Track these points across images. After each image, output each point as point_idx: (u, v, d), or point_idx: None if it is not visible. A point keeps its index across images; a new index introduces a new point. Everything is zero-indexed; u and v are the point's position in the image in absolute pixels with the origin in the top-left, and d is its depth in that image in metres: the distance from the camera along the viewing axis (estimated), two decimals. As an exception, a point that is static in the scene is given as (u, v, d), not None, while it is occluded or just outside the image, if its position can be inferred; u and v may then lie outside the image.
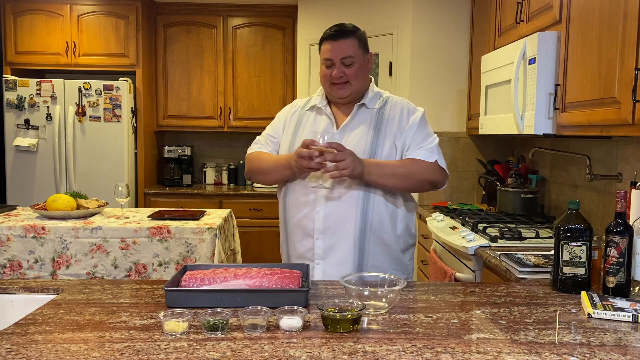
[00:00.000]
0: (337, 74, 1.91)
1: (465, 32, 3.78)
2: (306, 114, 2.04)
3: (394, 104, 2.00)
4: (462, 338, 1.26)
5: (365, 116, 1.98)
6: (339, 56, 1.91)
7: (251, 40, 5.00)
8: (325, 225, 1.89)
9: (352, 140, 1.93)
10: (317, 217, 1.90)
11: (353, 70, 1.92)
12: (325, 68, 1.95)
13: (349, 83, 1.93)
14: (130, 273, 2.90)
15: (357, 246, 1.90)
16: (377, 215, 1.90)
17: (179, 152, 5.07)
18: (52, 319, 1.36)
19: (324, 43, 1.95)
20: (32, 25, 4.63)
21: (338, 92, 1.95)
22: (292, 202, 1.96)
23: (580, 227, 1.61)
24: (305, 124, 2.02)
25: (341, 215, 1.89)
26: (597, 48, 1.93)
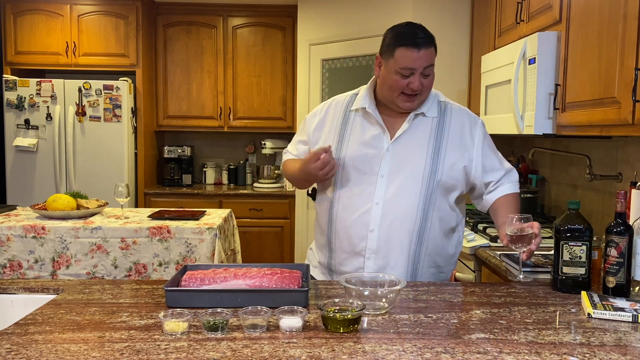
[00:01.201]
0: (417, 85, 1.70)
1: (465, 32, 3.78)
2: (352, 115, 1.85)
3: (454, 112, 1.83)
4: (462, 338, 1.26)
5: (423, 126, 1.79)
6: (422, 66, 1.70)
7: (251, 40, 5.00)
8: (379, 245, 1.76)
9: (408, 154, 1.76)
10: (370, 236, 1.76)
11: (429, 80, 1.74)
12: (400, 77, 1.70)
13: (421, 94, 1.74)
14: (130, 273, 2.90)
15: (409, 269, 1.78)
16: (432, 238, 1.78)
17: (179, 152, 5.07)
18: (52, 319, 1.36)
19: (403, 48, 1.69)
20: (32, 25, 4.63)
21: (406, 105, 1.74)
22: (342, 217, 1.80)
23: (580, 227, 1.61)
24: (352, 129, 1.83)
25: (396, 235, 1.75)
26: (597, 48, 1.93)
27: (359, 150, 1.80)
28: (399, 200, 1.75)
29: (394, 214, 1.75)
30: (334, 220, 1.82)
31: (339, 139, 1.83)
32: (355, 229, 1.77)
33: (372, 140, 1.80)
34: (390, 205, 1.75)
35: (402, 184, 1.75)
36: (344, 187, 1.80)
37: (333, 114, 1.89)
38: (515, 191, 1.86)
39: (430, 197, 1.76)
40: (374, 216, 1.75)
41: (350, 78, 4.21)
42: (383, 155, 1.77)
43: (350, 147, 1.81)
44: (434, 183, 1.75)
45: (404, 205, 1.75)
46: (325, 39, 4.38)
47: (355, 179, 1.79)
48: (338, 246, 1.83)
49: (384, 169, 1.76)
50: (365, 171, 1.78)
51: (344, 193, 1.80)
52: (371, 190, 1.76)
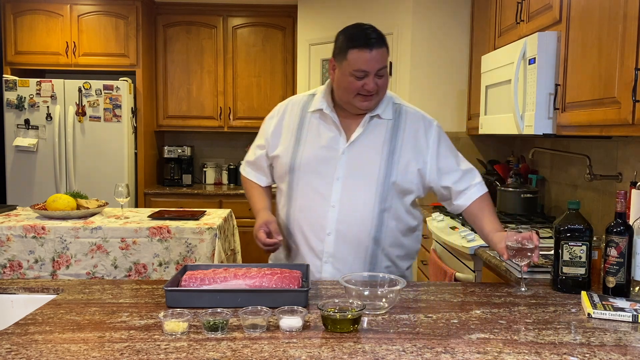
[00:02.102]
0: (372, 86, 1.70)
1: (465, 32, 3.78)
2: (308, 117, 1.84)
3: (409, 115, 1.83)
4: (462, 338, 1.26)
5: (378, 129, 1.79)
6: (375, 67, 1.69)
7: (251, 40, 5.00)
8: (336, 249, 1.76)
9: (364, 157, 1.77)
10: (327, 239, 1.76)
11: (383, 81, 1.73)
12: (354, 79, 1.70)
13: (377, 95, 1.74)
14: (130, 273, 2.90)
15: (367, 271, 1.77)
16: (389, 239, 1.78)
17: (179, 152, 5.07)
18: (52, 319, 1.36)
19: (355, 50, 1.68)
20: (32, 25, 4.63)
21: (364, 105, 1.74)
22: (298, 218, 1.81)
23: (580, 227, 1.61)
24: (308, 131, 1.83)
25: (353, 238, 1.75)
26: (597, 48, 1.93)
27: (316, 152, 1.79)
28: (354, 203, 1.75)
29: (350, 218, 1.75)
30: (290, 221, 1.83)
31: (295, 141, 1.83)
32: (313, 232, 1.78)
33: (329, 142, 1.79)
34: (346, 208, 1.75)
35: (358, 187, 1.76)
36: (300, 189, 1.80)
37: (290, 116, 1.88)
38: (483, 192, 1.84)
39: (386, 199, 1.76)
40: (330, 219, 1.75)
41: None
42: (339, 158, 1.77)
43: (306, 149, 1.80)
44: (388, 186, 1.76)
45: (360, 208, 1.75)
46: (325, 39, 4.37)
47: (312, 182, 1.78)
48: (295, 247, 1.83)
49: (340, 172, 1.76)
50: (322, 174, 1.77)
51: (300, 195, 1.80)
52: (327, 193, 1.76)
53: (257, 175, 1.99)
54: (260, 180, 1.99)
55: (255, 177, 1.99)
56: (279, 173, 1.87)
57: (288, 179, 1.82)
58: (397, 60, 3.88)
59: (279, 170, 1.87)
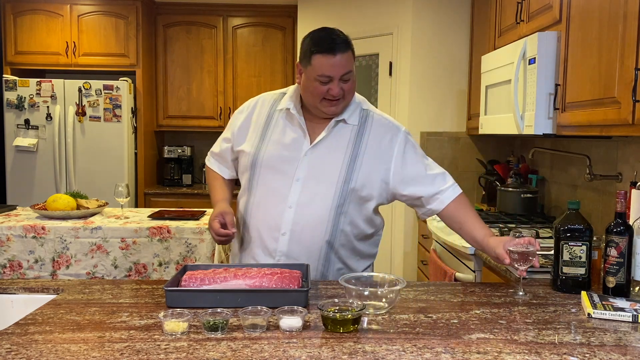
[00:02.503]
0: (337, 91, 1.69)
1: (465, 32, 3.78)
2: (276, 115, 1.84)
3: (375, 121, 1.81)
4: (462, 338, 1.26)
5: (342, 133, 1.78)
6: (339, 73, 1.68)
7: (251, 40, 5.00)
8: (290, 248, 1.75)
9: (325, 160, 1.75)
10: (282, 239, 1.76)
11: (349, 85, 1.72)
12: (319, 84, 1.69)
13: (344, 99, 1.73)
14: (130, 273, 2.90)
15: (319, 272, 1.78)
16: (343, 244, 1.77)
17: (179, 152, 5.07)
18: (52, 319, 1.36)
19: (318, 55, 1.67)
20: (32, 25, 4.63)
21: (330, 110, 1.73)
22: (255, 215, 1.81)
23: (580, 227, 1.61)
24: (274, 128, 1.82)
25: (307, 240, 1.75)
26: (597, 48, 1.93)
27: (278, 151, 1.79)
28: (311, 205, 1.74)
29: (305, 220, 1.74)
30: (247, 216, 1.84)
31: (260, 138, 1.82)
32: (268, 230, 1.78)
33: (292, 143, 1.78)
34: (302, 210, 1.74)
35: (316, 189, 1.75)
36: (260, 186, 1.80)
37: (259, 112, 1.88)
38: (457, 193, 1.79)
39: (343, 205, 1.74)
40: (286, 220, 1.75)
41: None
42: (301, 159, 1.77)
43: (269, 146, 1.80)
44: (347, 191, 1.74)
45: (316, 211, 1.74)
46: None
47: (271, 180, 1.78)
48: (250, 242, 1.84)
49: (300, 173, 1.75)
50: (282, 173, 1.77)
51: (259, 192, 1.81)
52: (285, 193, 1.75)
53: (220, 167, 2.01)
54: (223, 172, 2.01)
55: (218, 168, 2.01)
56: (242, 167, 1.87)
57: (249, 174, 1.83)
58: (397, 60, 3.88)
59: (242, 164, 1.87)
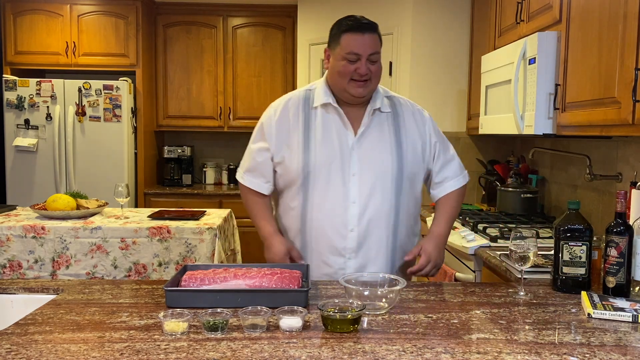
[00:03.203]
0: (364, 70, 1.72)
1: (465, 32, 3.78)
2: (314, 113, 1.82)
3: (401, 105, 1.89)
4: (462, 338, 1.26)
5: (380, 122, 1.83)
6: (368, 51, 1.72)
7: (251, 40, 5.00)
8: (359, 244, 1.78)
9: (374, 151, 1.80)
10: (350, 235, 1.78)
11: (376, 67, 1.76)
12: (347, 63, 1.73)
13: (370, 81, 1.76)
14: (130, 273, 2.90)
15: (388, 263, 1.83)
16: (404, 229, 1.85)
17: (179, 152, 5.07)
18: (52, 319, 1.36)
19: (347, 34, 1.74)
20: (32, 25, 4.63)
21: (358, 91, 1.75)
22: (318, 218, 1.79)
23: (580, 227, 1.61)
24: (316, 128, 1.80)
25: (375, 233, 1.79)
26: (597, 48, 1.93)
27: (327, 149, 1.79)
28: (373, 197, 1.78)
29: (370, 212, 1.78)
30: (308, 222, 1.80)
31: (304, 140, 1.80)
32: (334, 229, 1.78)
33: (337, 138, 1.80)
34: (366, 203, 1.78)
35: (374, 181, 1.79)
36: (316, 188, 1.78)
37: (294, 114, 1.83)
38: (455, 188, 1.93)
39: (401, 190, 1.81)
40: (351, 215, 1.77)
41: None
42: (349, 153, 1.79)
43: (317, 147, 1.79)
44: (402, 179, 1.81)
45: (379, 202, 1.79)
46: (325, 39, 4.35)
47: (327, 180, 1.78)
48: (315, 249, 1.81)
49: (354, 167, 1.78)
50: (336, 170, 1.78)
51: (317, 193, 1.79)
52: (345, 189, 1.77)
53: (259, 183, 1.89)
54: (262, 189, 1.90)
55: (257, 185, 1.90)
56: (289, 177, 1.81)
57: (301, 179, 1.79)
58: (397, 60, 3.88)
59: (289, 174, 1.81)
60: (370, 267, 1.80)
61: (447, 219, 1.91)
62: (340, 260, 1.79)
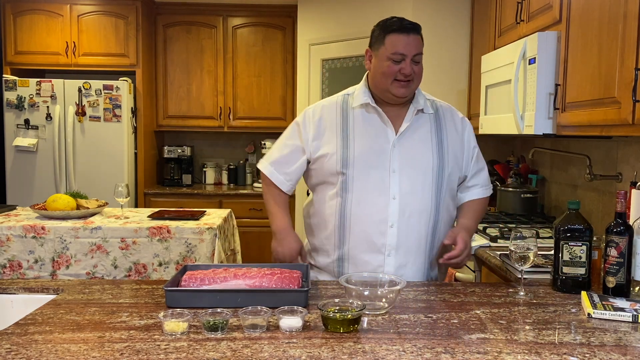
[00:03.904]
0: (409, 70, 1.74)
1: (465, 32, 3.78)
2: (351, 114, 1.84)
3: (444, 110, 1.90)
4: (462, 338, 1.26)
5: (423, 122, 1.84)
6: (412, 52, 1.75)
7: (251, 40, 5.00)
8: (399, 241, 1.76)
9: (416, 149, 1.80)
10: (390, 232, 1.76)
11: (419, 68, 1.79)
12: (392, 63, 1.75)
13: (413, 82, 1.78)
14: (130, 273, 2.90)
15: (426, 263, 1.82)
16: (442, 229, 1.83)
17: (179, 152, 5.07)
18: (52, 319, 1.36)
19: (392, 34, 1.76)
20: (32, 25, 4.63)
21: (400, 91, 1.76)
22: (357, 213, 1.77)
23: (580, 227, 1.61)
24: (354, 126, 1.82)
25: (415, 230, 1.78)
26: (597, 48, 1.93)
27: (367, 146, 1.80)
28: (414, 195, 1.78)
29: (411, 209, 1.77)
30: (347, 217, 1.79)
31: (343, 139, 1.81)
32: (374, 224, 1.77)
33: (377, 135, 1.81)
34: (406, 200, 1.77)
35: (415, 178, 1.78)
36: (357, 183, 1.78)
37: (328, 118, 1.85)
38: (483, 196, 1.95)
39: (441, 190, 1.81)
40: (392, 211, 1.76)
41: (350, 78, 4.21)
42: (390, 150, 1.79)
43: (357, 144, 1.80)
44: (443, 177, 1.81)
45: (419, 199, 1.78)
46: (325, 39, 4.37)
47: (368, 175, 1.78)
48: (353, 245, 1.79)
49: (394, 164, 1.78)
50: (376, 167, 1.78)
51: (356, 189, 1.78)
52: (386, 185, 1.77)
53: (281, 180, 1.90)
54: (282, 185, 1.90)
55: (278, 180, 1.90)
56: (328, 173, 1.81)
57: (340, 177, 1.79)
58: (397, 60, 3.88)
59: (327, 170, 1.82)
60: (410, 266, 1.78)
61: (475, 216, 1.91)
62: (379, 257, 1.77)
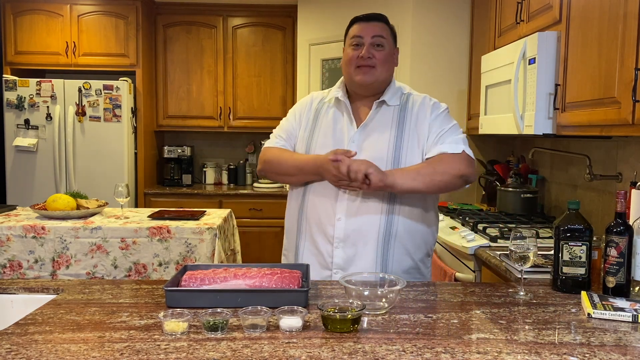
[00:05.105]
0: (366, 53, 1.77)
1: (465, 32, 3.78)
2: (325, 107, 1.90)
3: (415, 101, 1.86)
4: (462, 338, 1.26)
5: (385, 115, 1.84)
6: (369, 34, 1.79)
7: (251, 40, 5.00)
8: (346, 233, 1.76)
9: (373, 142, 1.80)
10: (338, 224, 1.77)
11: (382, 54, 1.79)
12: (351, 49, 1.80)
13: (375, 68, 1.78)
14: (130, 273, 2.90)
15: (379, 258, 1.77)
16: (401, 224, 1.77)
17: (179, 152, 5.07)
18: (52, 319, 1.36)
19: (353, 25, 1.84)
20: (32, 25, 4.63)
21: (363, 77, 1.79)
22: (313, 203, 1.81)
23: (580, 227, 1.61)
24: (323, 119, 1.88)
25: (364, 223, 1.76)
26: (597, 48, 1.93)
27: (327, 138, 1.84)
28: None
29: (360, 201, 1.77)
30: (304, 210, 1.84)
31: (310, 130, 1.88)
32: (325, 216, 1.79)
33: (340, 129, 1.84)
34: (355, 194, 1.77)
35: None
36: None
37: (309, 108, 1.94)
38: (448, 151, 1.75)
39: None
40: (340, 204, 1.78)
41: (350, 78, 4.21)
42: (348, 143, 1.81)
43: (319, 135, 1.85)
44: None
45: (369, 193, 1.75)
46: (325, 39, 4.38)
47: None
48: (308, 236, 1.83)
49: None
50: None
51: (314, 182, 1.82)
52: None
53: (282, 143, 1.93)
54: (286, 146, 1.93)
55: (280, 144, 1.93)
56: None
57: None
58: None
59: None
60: (358, 259, 1.76)
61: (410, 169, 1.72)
62: (329, 248, 1.79)
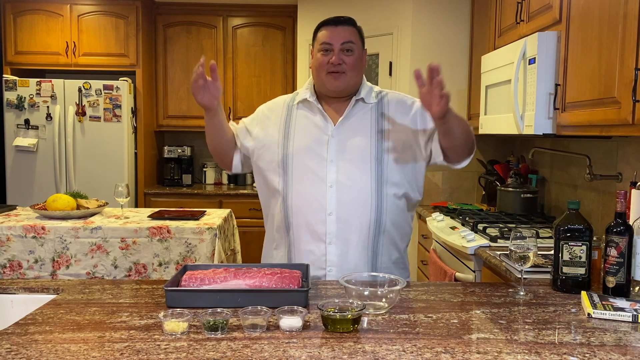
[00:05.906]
0: (336, 59, 1.77)
1: (465, 32, 3.78)
2: (294, 110, 1.88)
3: (391, 98, 1.87)
4: (462, 338, 1.26)
5: (364, 112, 1.83)
6: (339, 41, 1.78)
7: (251, 40, 5.00)
8: (339, 228, 1.76)
9: (354, 139, 1.79)
10: (329, 219, 1.76)
11: (352, 59, 1.79)
12: (321, 55, 1.79)
13: (345, 74, 1.78)
14: (130, 273, 2.90)
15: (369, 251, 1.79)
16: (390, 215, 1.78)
17: (179, 152, 5.07)
18: (52, 319, 1.36)
19: (321, 29, 1.83)
20: (32, 25, 4.63)
21: (334, 83, 1.79)
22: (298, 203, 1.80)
23: (580, 227, 1.61)
24: (296, 121, 1.86)
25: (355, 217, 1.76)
26: (597, 48, 1.93)
27: (305, 138, 1.82)
28: (352, 183, 1.77)
29: (349, 197, 1.76)
30: (289, 210, 1.81)
31: (284, 135, 1.85)
32: (314, 213, 1.78)
33: (317, 128, 1.83)
34: (344, 188, 1.77)
35: (352, 167, 1.77)
36: (295, 176, 1.81)
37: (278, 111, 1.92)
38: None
39: (381, 179, 1.77)
40: (330, 199, 1.77)
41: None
42: (328, 140, 1.80)
43: (296, 137, 1.83)
44: (382, 166, 1.78)
45: (358, 188, 1.77)
46: (325, 39, 4.37)
47: (305, 166, 1.80)
48: (297, 235, 1.82)
49: (332, 154, 1.79)
50: (313, 157, 1.79)
51: (296, 181, 1.81)
52: (323, 174, 1.78)
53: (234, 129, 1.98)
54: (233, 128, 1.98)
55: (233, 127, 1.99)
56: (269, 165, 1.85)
57: (282, 170, 1.82)
58: (397, 60, 3.88)
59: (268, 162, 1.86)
60: (351, 253, 1.77)
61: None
62: (321, 246, 1.78)
